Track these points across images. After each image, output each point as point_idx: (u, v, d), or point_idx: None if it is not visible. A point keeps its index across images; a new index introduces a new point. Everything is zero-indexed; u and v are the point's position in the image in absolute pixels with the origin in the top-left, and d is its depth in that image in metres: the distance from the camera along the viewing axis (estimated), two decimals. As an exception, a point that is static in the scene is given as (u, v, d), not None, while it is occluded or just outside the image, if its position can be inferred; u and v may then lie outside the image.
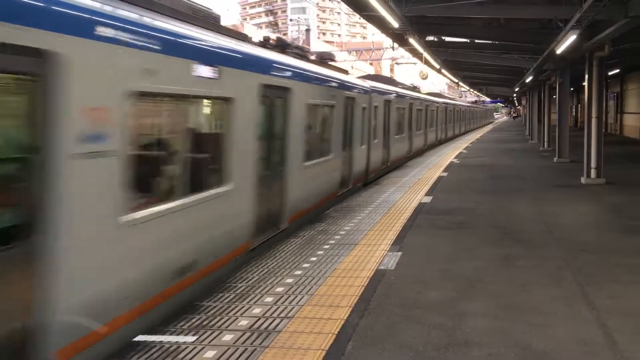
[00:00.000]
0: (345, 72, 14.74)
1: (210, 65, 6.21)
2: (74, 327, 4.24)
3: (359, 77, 18.62)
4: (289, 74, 9.00)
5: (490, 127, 63.81)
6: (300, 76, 9.71)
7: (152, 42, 5.13)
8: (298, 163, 9.42)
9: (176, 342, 4.62)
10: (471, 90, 59.92)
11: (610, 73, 29.28)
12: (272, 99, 8.28)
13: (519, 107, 79.98)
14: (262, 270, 6.65)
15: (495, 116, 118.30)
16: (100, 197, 4.48)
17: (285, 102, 8.85)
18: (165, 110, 5.88)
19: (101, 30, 4.43)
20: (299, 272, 6.53)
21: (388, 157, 18.10)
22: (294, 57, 10.09)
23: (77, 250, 4.22)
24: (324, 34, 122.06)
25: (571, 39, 12.10)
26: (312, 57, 12.48)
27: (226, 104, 6.81)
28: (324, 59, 13.25)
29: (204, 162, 6.49)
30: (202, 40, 6.25)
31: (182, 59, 5.70)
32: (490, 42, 21.20)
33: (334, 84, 11.92)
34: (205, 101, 6.70)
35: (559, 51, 13.89)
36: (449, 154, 24.28)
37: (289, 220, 8.90)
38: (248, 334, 4.76)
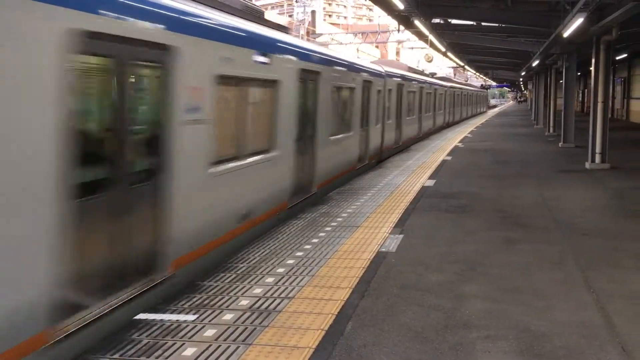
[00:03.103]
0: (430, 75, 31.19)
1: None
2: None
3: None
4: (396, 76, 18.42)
5: (485, 118, 45.67)
6: (403, 78, 19.34)
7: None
8: (404, 118, 19.16)
9: (177, 320, 4.66)
10: (477, 73, 59.50)
11: (617, 58, 29.03)
12: (393, 89, 17.41)
13: (525, 91, 79.40)
14: (264, 251, 6.67)
15: (495, 102, 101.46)
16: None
17: (399, 90, 18.24)
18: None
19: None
20: (300, 254, 6.56)
21: (452, 118, 36.01)
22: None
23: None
24: (330, 15, 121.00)
25: (578, 22, 11.96)
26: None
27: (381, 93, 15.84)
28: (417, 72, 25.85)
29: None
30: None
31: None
32: (497, 25, 21.05)
33: (421, 82, 22.94)
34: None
35: (565, 35, 13.75)
36: (454, 137, 24.20)
37: (402, 143, 18.55)
38: (248, 313, 4.80)
